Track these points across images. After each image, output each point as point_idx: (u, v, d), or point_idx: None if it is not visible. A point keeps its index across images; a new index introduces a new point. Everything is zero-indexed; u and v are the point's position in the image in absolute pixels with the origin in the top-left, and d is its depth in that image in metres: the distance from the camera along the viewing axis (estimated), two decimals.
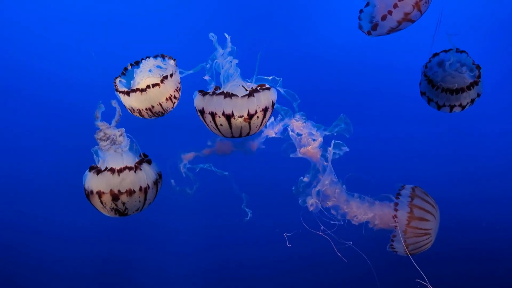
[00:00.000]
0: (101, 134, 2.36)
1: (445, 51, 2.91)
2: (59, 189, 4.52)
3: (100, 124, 2.37)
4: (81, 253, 4.55)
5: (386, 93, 4.50)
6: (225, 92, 2.34)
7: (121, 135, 2.40)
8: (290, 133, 2.78)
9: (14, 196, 4.71)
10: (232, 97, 2.30)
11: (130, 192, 2.25)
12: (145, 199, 2.33)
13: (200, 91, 2.47)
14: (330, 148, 2.66)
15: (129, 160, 2.43)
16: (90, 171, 2.36)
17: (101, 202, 2.28)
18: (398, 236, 2.37)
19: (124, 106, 2.66)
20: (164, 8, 4.64)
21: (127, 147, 2.45)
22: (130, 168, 2.30)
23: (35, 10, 4.66)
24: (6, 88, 4.71)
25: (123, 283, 4.56)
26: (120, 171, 2.28)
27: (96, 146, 2.40)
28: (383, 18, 2.41)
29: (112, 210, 2.29)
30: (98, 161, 2.44)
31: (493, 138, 4.32)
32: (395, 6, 2.35)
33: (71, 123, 4.53)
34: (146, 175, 2.33)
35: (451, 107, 2.84)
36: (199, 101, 2.43)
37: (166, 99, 2.56)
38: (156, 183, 2.40)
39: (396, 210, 2.45)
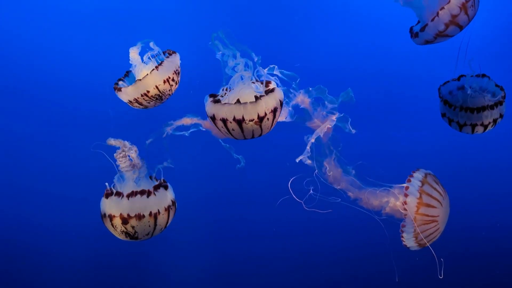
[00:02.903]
0: (121, 149, 2.42)
1: (464, 75, 2.92)
2: (60, 189, 4.49)
3: (117, 143, 2.43)
4: (80, 249, 4.61)
5: (405, 97, 4.40)
6: (233, 96, 2.38)
7: (139, 161, 2.47)
8: (302, 105, 2.77)
9: (20, 196, 4.63)
10: (242, 103, 2.31)
11: (139, 217, 2.30)
12: (155, 224, 2.37)
13: (211, 96, 2.44)
14: (333, 117, 2.67)
15: (145, 185, 2.48)
16: (106, 197, 2.40)
17: (112, 225, 2.35)
18: (408, 224, 2.47)
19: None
20: (169, 6, 4.27)
21: (145, 172, 2.50)
22: (142, 193, 2.34)
23: (35, 9, 4.42)
24: (6, 89, 4.51)
25: (122, 277, 4.68)
26: (132, 195, 2.33)
27: (117, 173, 2.45)
28: (432, 19, 2.41)
29: (122, 233, 2.37)
30: (117, 184, 2.49)
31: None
32: (442, 8, 2.37)
33: (70, 122, 4.47)
34: (159, 200, 2.37)
35: (473, 127, 2.82)
36: (210, 108, 2.41)
37: (164, 81, 2.55)
38: (167, 209, 2.42)
39: (406, 195, 2.45)
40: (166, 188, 2.47)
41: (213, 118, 2.41)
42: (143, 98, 2.57)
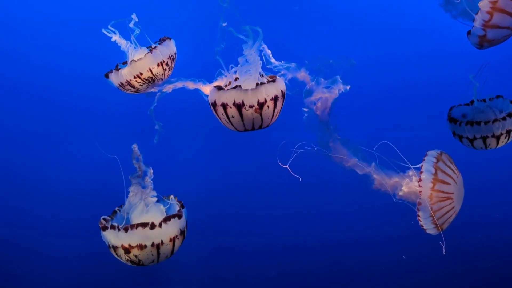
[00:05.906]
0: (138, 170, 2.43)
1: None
2: (61, 189, 4.45)
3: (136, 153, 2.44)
4: (78, 247, 4.53)
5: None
6: (236, 85, 2.36)
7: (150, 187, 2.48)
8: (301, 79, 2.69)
9: (20, 196, 4.60)
10: (242, 88, 2.32)
11: (141, 247, 2.28)
12: (159, 253, 2.33)
13: (216, 87, 2.44)
14: (322, 79, 2.61)
15: (155, 210, 2.47)
16: (104, 230, 2.36)
17: (117, 254, 2.35)
18: (424, 203, 2.36)
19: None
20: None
21: (155, 199, 2.50)
22: (144, 225, 2.28)
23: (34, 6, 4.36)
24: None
25: (121, 275, 4.63)
26: (134, 227, 2.29)
27: (126, 200, 2.45)
28: (476, 12, 2.29)
29: (128, 262, 2.36)
30: (125, 210, 2.49)
31: None
32: None
33: (66, 117, 4.43)
34: (164, 231, 2.31)
35: (484, 139, 2.78)
36: (212, 95, 2.41)
37: (158, 64, 2.55)
38: (173, 239, 2.35)
39: (421, 172, 2.37)
40: (180, 217, 2.39)
41: (214, 105, 2.38)
42: (136, 80, 2.55)
